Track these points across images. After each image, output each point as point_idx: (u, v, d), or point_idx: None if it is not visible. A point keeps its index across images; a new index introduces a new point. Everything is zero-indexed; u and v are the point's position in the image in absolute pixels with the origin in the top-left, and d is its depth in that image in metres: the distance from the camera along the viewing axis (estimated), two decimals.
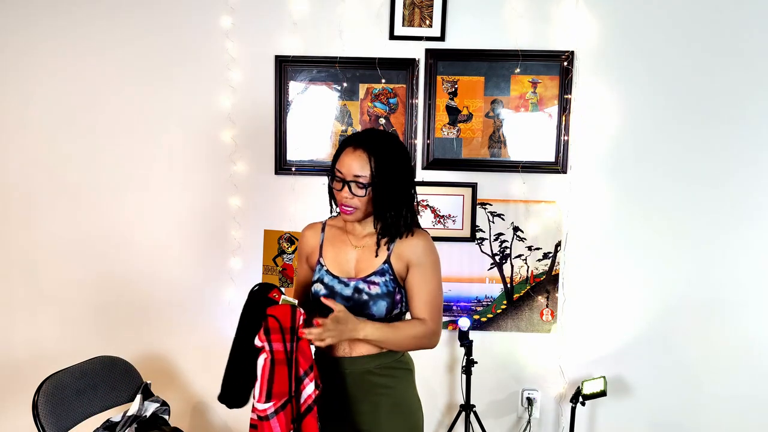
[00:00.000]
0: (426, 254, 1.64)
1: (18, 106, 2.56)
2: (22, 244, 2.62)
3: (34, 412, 1.86)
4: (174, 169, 2.56)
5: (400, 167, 1.59)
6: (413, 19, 2.45)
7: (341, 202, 1.60)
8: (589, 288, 2.54)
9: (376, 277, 1.62)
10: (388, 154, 1.57)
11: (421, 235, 1.66)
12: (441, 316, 1.68)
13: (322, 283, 1.66)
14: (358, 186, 1.56)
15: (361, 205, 1.58)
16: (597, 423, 2.60)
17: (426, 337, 1.64)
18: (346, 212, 1.60)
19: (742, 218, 2.46)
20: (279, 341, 1.51)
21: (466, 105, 2.49)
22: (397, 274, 1.64)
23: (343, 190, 1.57)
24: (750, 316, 2.50)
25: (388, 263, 1.63)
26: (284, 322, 1.52)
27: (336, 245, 1.70)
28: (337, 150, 1.61)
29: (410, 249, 1.63)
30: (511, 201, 2.52)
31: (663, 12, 2.41)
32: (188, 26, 2.50)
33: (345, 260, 1.68)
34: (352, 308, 1.60)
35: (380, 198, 1.57)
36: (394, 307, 1.64)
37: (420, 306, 1.64)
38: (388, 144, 1.59)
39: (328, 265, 1.68)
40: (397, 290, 1.64)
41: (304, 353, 1.55)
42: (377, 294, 1.61)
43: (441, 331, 1.69)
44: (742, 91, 2.41)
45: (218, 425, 2.70)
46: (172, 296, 2.62)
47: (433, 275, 1.65)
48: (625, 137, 2.46)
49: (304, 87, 2.50)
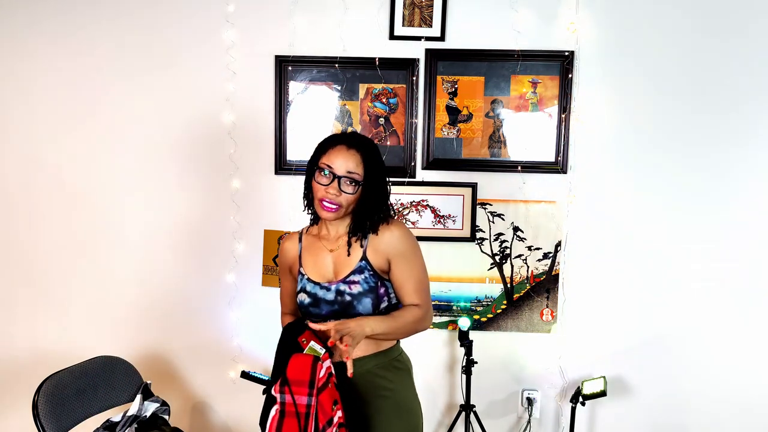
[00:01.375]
0: (403, 242, 1.65)
1: (18, 106, 2.56)
2: (22, 244, 2.62)
3: (34, 412, 1.86)
4: (174, 169, 2.56)
5: (384, 170, 1.66)
6: (413, 19, 2.45)
7: (324, 198, 1.59)
8: (589, 288, 2.54)
9: (356, 276, 1.63)
10: (377, 157, 1.64)
11: (393, 225, 1.67)
12: (430, 295, 1.72)
13: (305, 291, 1.67)
14: (349, 182, 1.57)
15: (345, 203, 1.59)
16: (597, 423, 2.60)
17: (423, 320, 1.68)
18: (329, 209, 1.59)
19: (743, 217, 2.46)
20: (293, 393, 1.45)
21: (466, 105, 2.49)
22: (377, 269, 1.64)
23: (331, 185, 1.58)
24: (750, 316, 2.50)
25: (365, 260, 1.64)
26: (302, 375, 1.46)
27: (313, 252, 1.71)
28: (322, 146, 1.63)
29: (386, 242, 1.64)
30: (511, 201, 2.52)
31: (663, 12, 2.41)
32: (188, 26, 2.50)
33: (323, 265, 1.68)
34: (338, 311, 1.61)
35: (368, 197, 1.61)
36: (380, 302, 1.64)
37: (410, 294, 1.66)
38: (374, 147, 1.66)
39: (308, 273, 1.69)
40: (380, 284, 1.64)
41: (323, 407, 1.48)
42: (359, 292, 1.62)
43: (432, 310, 1.72)
44: (742, 89, 2.41)
45: (218, 425, 2.70)
46: (172, 296, 2.62)
47: (415, 261, 1.67)
48: (625, 137, 2.46)
49: (304, 87, 2.50)
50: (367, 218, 1.64)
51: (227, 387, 2.64)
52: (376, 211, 1.64)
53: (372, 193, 1.61)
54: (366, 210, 1.63)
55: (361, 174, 1.58)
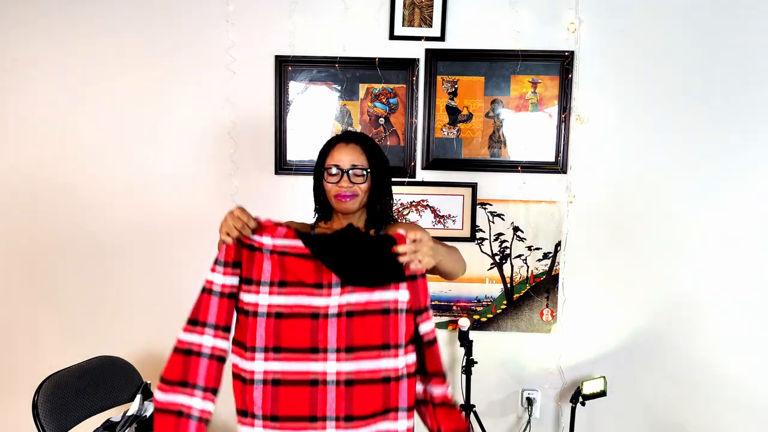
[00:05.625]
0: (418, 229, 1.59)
1: (18, 106, 2.56)
2: (22, 244, 2.62)
3: (34, 412, 1.87)
4: (173, 169, 2.56)
5: (386, 158, 1.70)
6: (413, 19, 2.45)
7: (339, 192, 1.60)
8: (589, 288, 2.54)
9: None
10: (376, 147, 1.67)
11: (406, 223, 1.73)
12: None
13: None
14: (356, 174, 1.60)
15: (360, 191, 1.61)
16: (597, 423, 2.60)
17: (463, 261, 1.68)
18: (347, 198, 1.59)
19: (743, 216, 2.46)
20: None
21: (466, 105, 2.49)
22: None
23: (342, 180, 1.59)
24: (750, 316, 2.50)
25: None
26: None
27: None
28: (323, 150, 1.65)
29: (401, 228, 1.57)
30: (511, 201, 2.52)
31: (663, 12, 2.41)
32: (188, 26, 2.50)
33: None
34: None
35: (378, 183, 1.63)
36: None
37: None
38: (371, 139, 1.69)
39: None
40: None
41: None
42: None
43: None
44: (742, 90, 2.41)
45: (218, 425, 2.70)
46: (172, 296, 2.62)
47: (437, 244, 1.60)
48: (625, 137, 2.46)
49: (304, 87, 2.50)
50: (379, 203, 1.65)
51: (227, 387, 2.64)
52: (385, 195, 1.66)
53: (380, 180, 1.64)
54: (377, 200, 1.65)
55: (365, 164, 1.61)
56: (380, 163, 1.65)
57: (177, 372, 1.46)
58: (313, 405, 1.44)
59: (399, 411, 1.47)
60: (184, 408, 1.46)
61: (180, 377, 1.46)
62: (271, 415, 1.44)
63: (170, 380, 1.46)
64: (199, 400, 1.46)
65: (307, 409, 1.44)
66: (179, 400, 1.46)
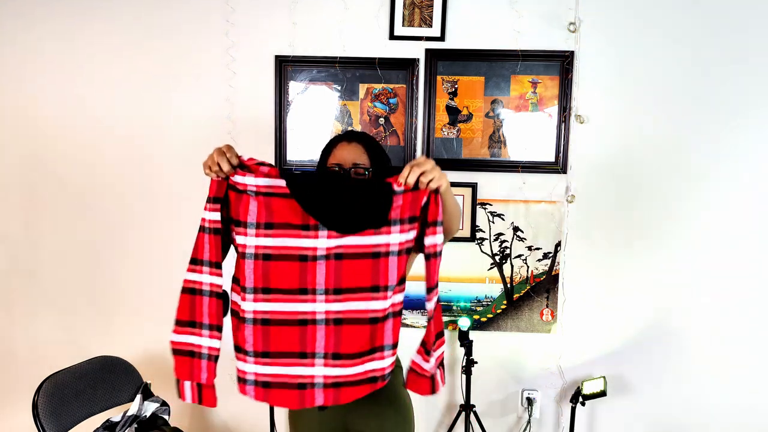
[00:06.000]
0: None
1: (18, 106, 2.56)
2: (22, 244, 2.62)
3: (34, 412, 1.87)
4: (173, 170, 2.56)
5: (387, 156, 1.70)
6: (413, 19, 2.45)
7: None
8: (589, 288, 2.54)
9: None
10: (377, 145, 1.68)
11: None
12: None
13: None
14: (358, 173, 1.61)
15: None
16: (597, 423, 2.60)
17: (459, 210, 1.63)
18: None
19: (743, 217, 2.46)
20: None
21: (466, 105, 2.49)
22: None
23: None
24: (750, 315, 2.50)
25: None
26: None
27: None
28: (325, 150, 1.66)
29: None
30: (511, 201, 2.52)
31: (663, 12, 2.41)
32: (188, 26, 2.50)
33: None
34: None
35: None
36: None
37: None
38: (372, 137, 1.70)
39: None
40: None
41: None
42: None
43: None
44: (743, 90, 2.41)
45: (218, 425, 2.70)
46: (172, 297, 2.61)
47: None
48: (625, 137, 2.46)
49: (304, 87, 2.50)
50: None
51: (227, 387, 2.64)
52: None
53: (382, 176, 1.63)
54: None
55: (366, 163, 1.61)
56: (382, 162, 1.65)
57: (185, 312, 1.53)
58: (303, 342, 1.47)
59: (384, 349, 1.51)
60: (195, 348, 1.52)
61: (188, 317, 1.53)
62: (263, 351, 1.48)
63: (181, 320, 1.53)
64: (206, 339, 1.52)
65: (297, 345, 1.48)
66: (190, 340, 1.53)
